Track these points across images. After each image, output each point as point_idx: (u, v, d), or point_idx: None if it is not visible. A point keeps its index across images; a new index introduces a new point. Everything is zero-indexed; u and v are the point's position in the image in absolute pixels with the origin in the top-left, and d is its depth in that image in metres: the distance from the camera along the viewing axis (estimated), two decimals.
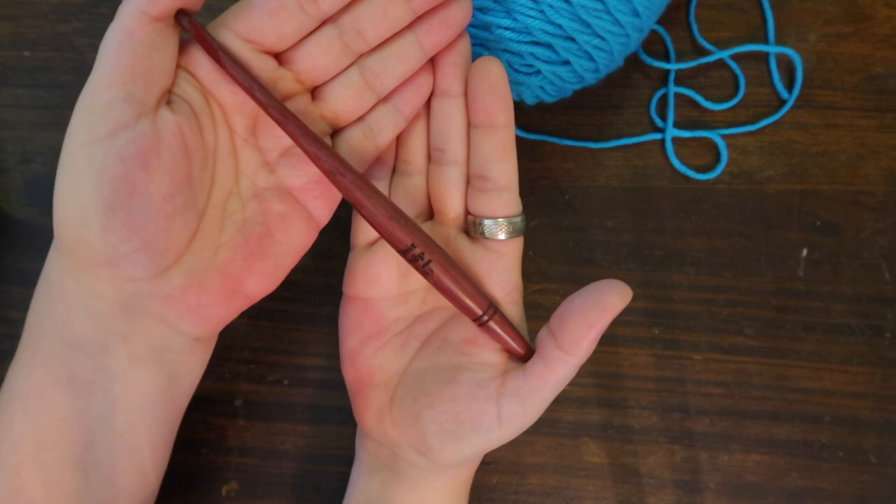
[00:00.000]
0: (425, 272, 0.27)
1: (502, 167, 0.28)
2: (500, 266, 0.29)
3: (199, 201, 0.26)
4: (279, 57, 0.27)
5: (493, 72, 0.27)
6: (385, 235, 0.27)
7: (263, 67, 0.26)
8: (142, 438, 0.27)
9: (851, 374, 0.36)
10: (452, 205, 0.30)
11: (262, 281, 0.28)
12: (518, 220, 0.29)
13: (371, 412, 0.30)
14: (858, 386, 0.36)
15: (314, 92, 0.28)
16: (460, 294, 0.27)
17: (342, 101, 0.28)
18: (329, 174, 0.26)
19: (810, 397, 0.36)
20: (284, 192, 0.28)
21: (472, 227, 0.29)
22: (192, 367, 0.28)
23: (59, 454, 0.26)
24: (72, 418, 0.25)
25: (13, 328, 0.27)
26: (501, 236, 0.29)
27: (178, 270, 0.26)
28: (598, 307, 0.25)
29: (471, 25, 0.31)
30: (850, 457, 0.36)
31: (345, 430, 0.37)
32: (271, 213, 0.27)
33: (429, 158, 0.31)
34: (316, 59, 0.27)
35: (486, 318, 0.27)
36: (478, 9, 0.31)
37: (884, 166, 0.37)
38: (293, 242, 0.28)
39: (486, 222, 0.29)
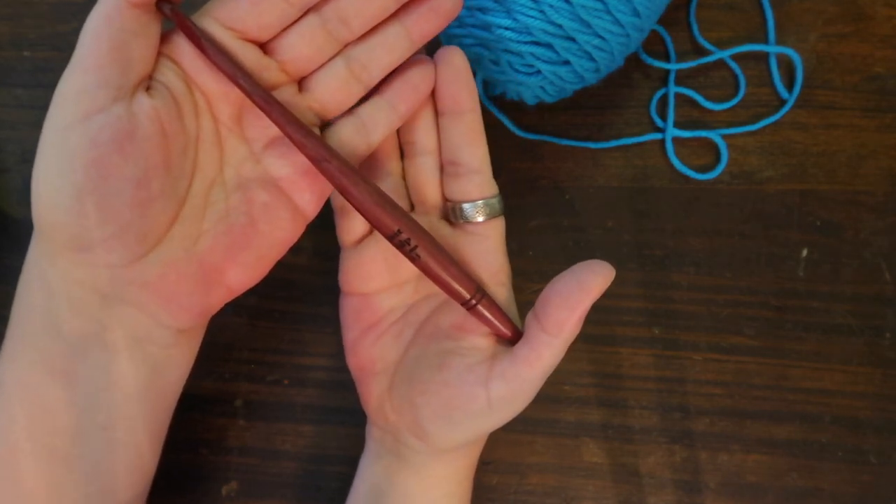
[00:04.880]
0: (412, 257, 0.27)
1: (472, 151, 0.29)
2: (483, 249, 0.29)
3: (178, 188, 0.26)
4: (264, 47, 0.27)
5: (455, 59, 0.28)
6: (372, 221, 0.27)
7: (247, 56, 0.26)
8: (126, 432, 0.27)
9: (851, 374, 0.36)
10: (430, 193, 0.30)
11: (244, 272, 0.27)
12: (494, 200, 0.29)
13: (373, 400, 0.30)
14: (858, 386, 0.36)
15: (301, 83, 0.28)
16: (448, 278, 0.27)
17: (328, 92, 0.28)
18: (315, 161, 0.26)
19: (810, 397, 0.36)
20: (270, 182, 0.28)
21: (451, 213, 0.30)
22: (176, 362, 0.28)
23: (49, 445, 0.26)
24: (57, 410, 0.25)
25: None
26: (480, 218, 0.29)
27: (155, 258, 0.26)
28: (580, 288, 0.25)
29: (471, 25, 0.31)
30: (850, 457, 0.36)
31: (345, 430, 0.37)
32: (255, 203, 0.27)
33: (400, 157, 0.31)
34: (300, 48, 0.27)
35: (474, 301, 0.28)
36: (478, 9, 0.31)
37: (884, 166, 0.37)
38: (278, 234, 0.28)
39: (464, 206, 0.29)
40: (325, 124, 0.29)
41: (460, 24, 0.32)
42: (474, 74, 0.34)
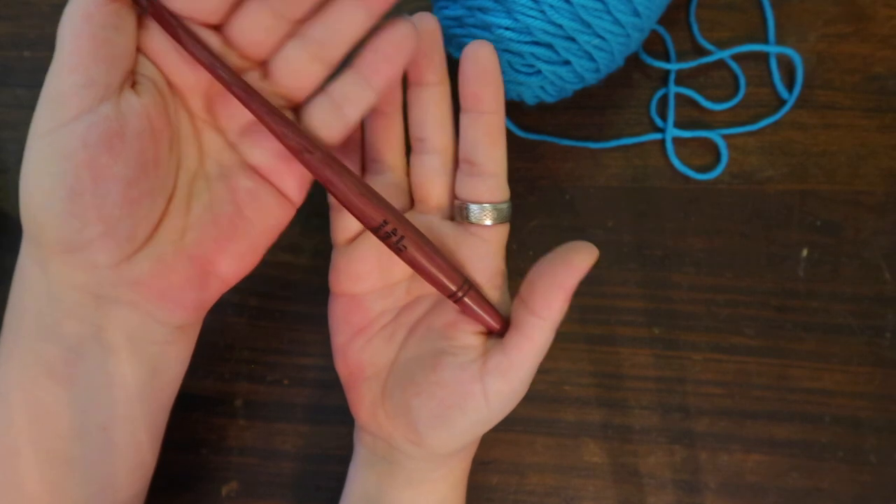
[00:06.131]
0: (398, 249, 0.27)
1: (490, 153, 0.28)
2: (483, 252, 0.29)
3: (166, 184, 0.26)
4: (224, 33, 0.26)
5: (483, 57, 0.27)
6: (356, 213, 0.26)
7: (211, 43, 0.25)
8: (126, 431, 0.27)
9: (851, 374, 0.36)
10: (435, 192, 0.30)
11: (235, 262, 0.27)
12: (504, 206, 0.29)
13: (364, 405, 0.30)
14: (858, 386, 0.36)
15: (264, 69, 0.27)
16: (434, 270, 0.27)
17: (290, 75, 0.26)
18: (296, 152, 0.25)
19: (810, 397, 0.36)
20: (251, 168, 0.27)
21: (458, 212, 0.29)
22: (174, 358, 0.28)
23: (49, 446, 0.26)
24: (56, 411, 0.25)
25: None
26: (487, 222, 0.29)
27: (144, 255, 0.25)
28: (566, 267, 0.25)
29: (471, 25, 0.31)
30: (850, 457, 0.36)
31: (344, 429, 0.37)
32: (239, 190, 0.27)
33: (406, 153, 0.31)
34: (251, 32, 0.26)
35: (460, 294, 0.27)
36: (478, 9, 0.31)
37: (884, 166, 0.37)
38: (266, 220, 0.27)
39: (473, 207, 0.28)
40: (298, 107, 0.27)
41: (460, 24, 0.32)
42: None
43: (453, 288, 0.27)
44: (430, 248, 0.27)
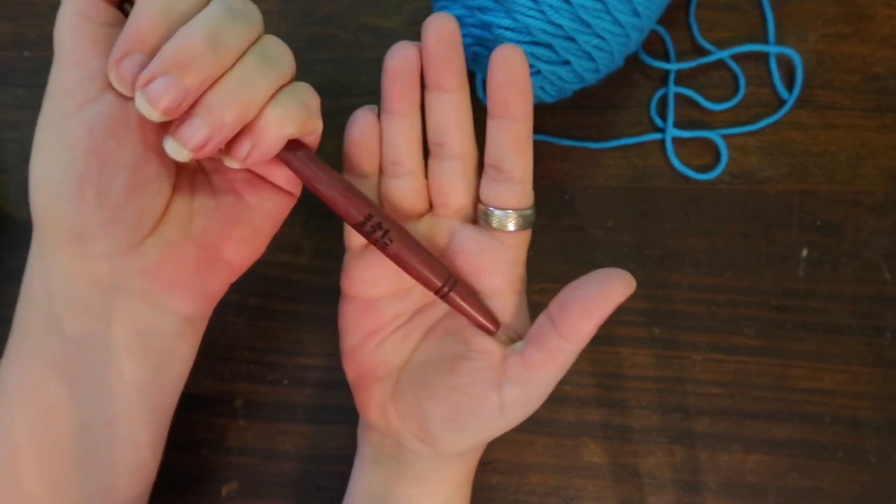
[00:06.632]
0: (383, 244, 0.27)
1: (516, 160, 0.28)
2: (505, 257, 0.29)
3: (169, 170, 0.26)
4: None
5: (512, 62, 0.27)
6: (339, 209, 0.27)
7: None
8: (128, 430, 0.27)
9: (851, 374, 0.36)
10: (455, 197, 0.29)
11: (241, 247, 0.28)
12: (528, 212, 0.29)
13: (374, 405, 0.30)
14: (858, 386, 0.36)
15: None
16: (418, 264, 0.27)
17: None
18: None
19: (810, 397, 0.36)
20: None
21: (481, 216, 0.29)
22: (179, 356, 0.28)
23: (51, 444, 0.26)
24: (59, 408, 0.26)
25: None
26: (511, 227, 0.28)
27: (153, 242, 0.26)
28: (601, 296, 0.25)
29: (470, 25, 0.31)
30: (850, 457, 0.36)
31: (345, 429, 0.37)
32: (237, 180, 0.28)
33: (424, 156, 0.30)
34: None
35: (446, 288, 0.27)
36: (478, 8, 0.31)
37: (884, 166, 0.37)
38: (267, 206, 0.28)
39: (497, 212, 0.28)
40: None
41: (460, 24, 0.32)
42: (474, 76, 0.34)
43: (438, 283, 0.27)
44: (414, 242, 0.27)
